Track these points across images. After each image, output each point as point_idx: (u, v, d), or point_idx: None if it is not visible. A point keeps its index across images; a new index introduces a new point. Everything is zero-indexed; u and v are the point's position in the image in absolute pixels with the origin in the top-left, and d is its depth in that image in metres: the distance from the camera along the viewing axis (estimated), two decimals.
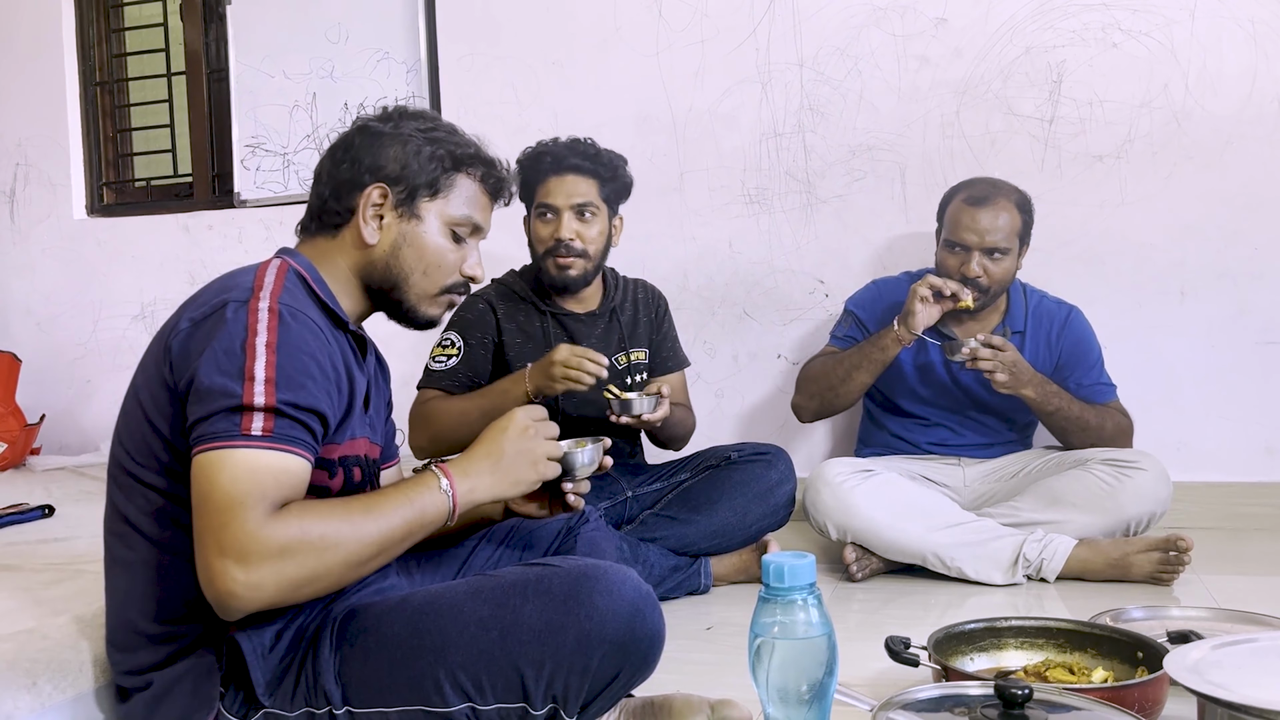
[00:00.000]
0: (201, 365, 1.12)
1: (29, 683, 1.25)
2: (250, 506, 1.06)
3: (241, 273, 1.24)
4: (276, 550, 1.06)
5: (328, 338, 1.22)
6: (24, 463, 3.30)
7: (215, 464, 1.08)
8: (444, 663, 1.13)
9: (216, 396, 1.10)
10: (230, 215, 3.40)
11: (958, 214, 2.27)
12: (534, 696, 1.14)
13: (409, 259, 1.32)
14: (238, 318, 1.14)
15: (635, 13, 2.94)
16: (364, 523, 1.13)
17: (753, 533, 2.18)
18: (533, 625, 1.13)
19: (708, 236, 2.92)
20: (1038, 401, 2.22)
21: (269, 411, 1.10)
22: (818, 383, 2.36)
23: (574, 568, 1.18)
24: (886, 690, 1.22)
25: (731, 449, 2.25)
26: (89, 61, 3.62)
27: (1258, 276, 2.57)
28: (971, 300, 2.18)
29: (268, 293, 1.17)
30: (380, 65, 3.22)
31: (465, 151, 1.34)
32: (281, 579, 1.07)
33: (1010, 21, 2.68)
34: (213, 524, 1.06)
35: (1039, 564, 2.10)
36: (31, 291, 3.63)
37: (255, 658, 1.17)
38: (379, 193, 1.31)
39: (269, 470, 1.09)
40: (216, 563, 1.05)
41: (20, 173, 3.62)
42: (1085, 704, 1.08)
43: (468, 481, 1.23)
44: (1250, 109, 2.56)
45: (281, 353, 1.13)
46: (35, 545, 1.97)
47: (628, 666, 1.17)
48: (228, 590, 1.05)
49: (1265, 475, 2.59)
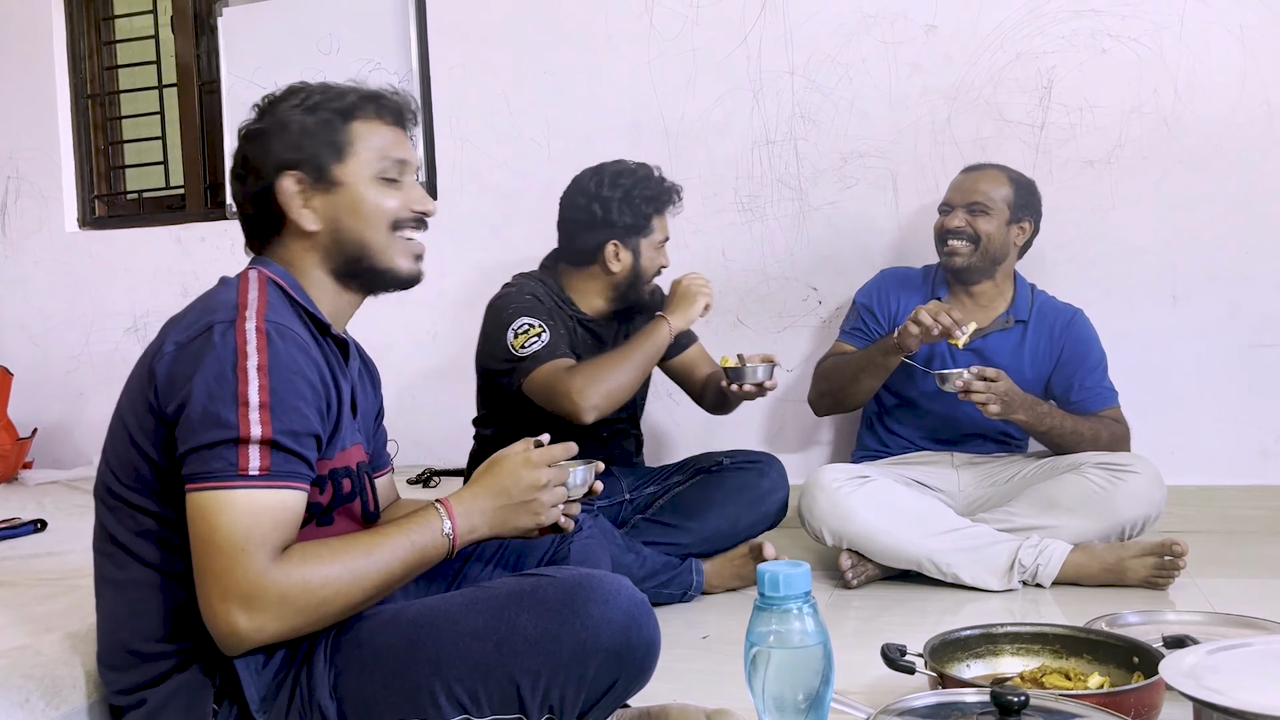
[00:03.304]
0: (193, 391, 1.11)
1: (21, 699, 1.24)
2: (252, 553, 1.07)
3: (222, 290, 1.23)
4: (277, 598, 1.08)
5: (313, 352, 1.21)
6: (16, 477, 3.29)
7: (214, 506, 1.08)
8: (439, 675, 1.13)
9: (211, 427, 1.09)
10: (223, 227, 3.39)
11: (951, 182, 2.41)
12: (530, 707, 1.13)
13: (352, 225, 1.29)
14: (225, 340, 1.13)
15: (627, 21, 2.95)
16: (365, 566, 1.15)
17: (743, 539, 2.20)
18: (528, 635, 1.13)
19: (700, 244, 2.92)
20: (1030, 424, 2.26)
21: (265, 445, 1.10)
22: (828, 381, 2.42)
23: (569, 577, 1.18)
24: (883, 698, 1.22)
25: (724, 455, 2.27)
26: (80, 74, 3.61)
27: (1249, 279, 2.58)
28: (964, 341, 2.18)
29: (253, 311, 1.16)
30: (372, 76, 3.18)
31: (346, 101, 1.31)
32: (282, 622, 1.10)
33: (1000, 28, 2.69)
34: (215, 568, 1.08)
35: (1034, 569, 2.10)
36: (23, 305, 3.62)
37: (249, 674, 1.16)
38: (292, 181, 1.28)
39: (269, 511, 1.10)
40: (219, 606, 1.08)
41: (11, 186, 3.61)
42: (1081, 710, 1.07)
43: (469, 521, 1.24)
44: (1239, 113, 2.57)
45: (274, 375, 1.12)
46: (27, 560, 1.96)
47: (624, 675, 1.16)
48: (231, 632, 1.08)
49: (1259, 478, 2.60)
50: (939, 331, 2.16)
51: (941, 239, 2.38)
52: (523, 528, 1.30)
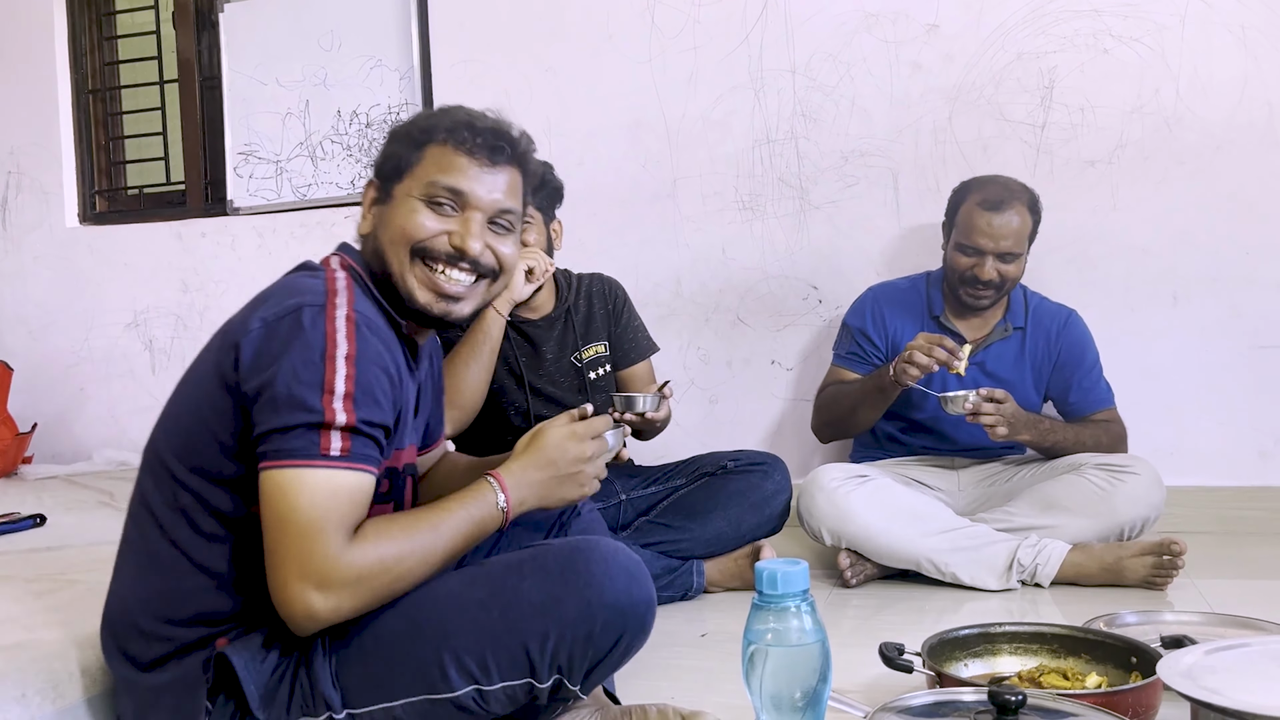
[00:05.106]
0: (279, 373, 1.11)
1: (18, 694, 1.25)
2: (331, 533, 1.09)
3: (309, 273, 1.25)
4: (354, 577, 1.10)
5: (394, 349, 1.23)
6: (16, 472, 3.29)
7: (295, 484, 1.09)
8: (447, 647, 1.15)
9: (296, 410, 1.10)
10: (223, 223, 3.39)
11: (971, 217, 2.27)
12: (540, 670, 1.16)
13: (384, 238, 1.30)
14: (316, 326, 1.14)
15: (628, 19, 2.95)
16: (433, 541, 1.18)
17: (745, 541, 2.19)
18: (533, 600, 1.15)
19: (701, 243, 2.92)
20: (1035, 443, 2.25)
21: (348, 431, 1.12)
22: (829, 411, 2.41)
23: (566, 543, 1.22)
24: (880, 697, 1.22)
25: (728, 457, 2.25)
26: (81, 69, 3.61)
27: (1249, 281, 2.58)
28: (964, 367, 2.15)
29: (344, 299, 1.18)
30: (373, 72, 3.22)
31: (431, 124, 1.32)
32: (358, 600, 1.11)
33: (1002, 28, 2.69)
34: (294, 548, 1.09)
35: (1033, 569, 2.10)
36: (24, 300, 3.62)
37: (247, 672, 1.16)
38: (371, 188, 1.34)
39: (347, 492, 1.11)
40: (296, 585, 1.09)
41: (12, 181, 3.61)
42: (1079, 709, 1.07)
43: (519, 494, 1.27)
44: (1241, 114, 2.56)
45: (360, 365, 1.14)
46: (26, 555, 1.96)
47: (628, 630, 1.19)
48: (307, 613, 1.09)
49: (1258, 479, 2.59)
50: (936, 367, 2.13)
51: (969, 283, 2.28)
52: (569, 499, 1.33)
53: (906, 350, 2.15)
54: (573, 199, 2.34)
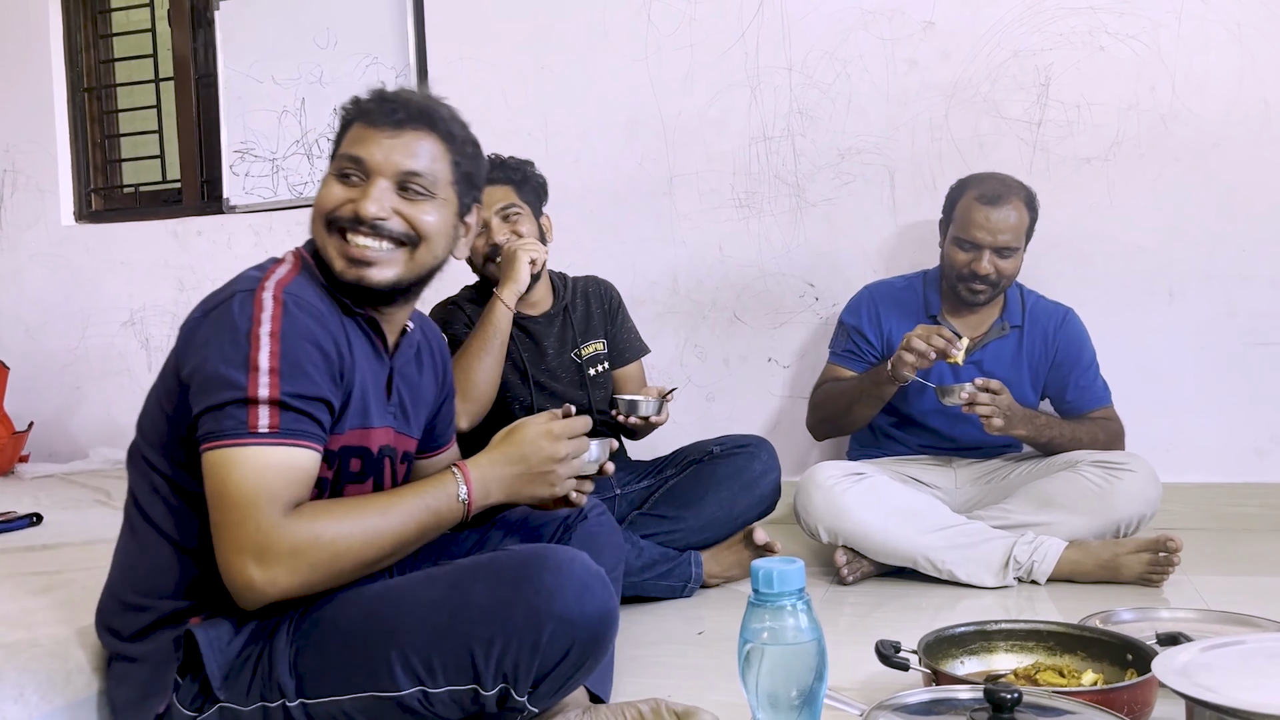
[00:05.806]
0: (208, 355, 1.15)
1: (16, 693, 1.25)
2: (262, 507, 1.11)
3: (259, 266, 1.27)
4: (289, 549, 1.11)
5: (330, 324, 1.23)
6: (12, 470, 3.28)
7: (226, 463, 1.12)
8: (395, 645, 1.14)
9: (221, 388, 1.13)
10: (219, 221, 3.39)
11: (969, 212, 2.27)
12: (484, 676, 1.14)
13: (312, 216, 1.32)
14: (243, 308, 1.17)
15: (624, 17, 2.94)
16: (378, 524, 1.18)
17: (739, 524, 2.21)
18: (482, 604, 1.14)
19: (697, 240, 2.92)
20: (1031, 438, 2.26)
21: (274, 405, 1.13)
22: (825, 409, 2.41)
23: (523, 550, 1.21)
24: (877, 694, 1.22)
25: (713, 443, 2.28)
26: (77, 67, 3.60)
27: (1245, 278, 2.58)
28: (961, 357, 2.14)
29: (273, 281, 1.20)
30: (370, 70, 3.22)
31: (352, 106, 1.33)
32: (295, 575, 1.12)
33: (998, 25, 2.69)
34: (228, 521, 1.12)
35: (1029, 566, 2.10)
36: (20, 298, 3.61)
37: (212, 650, 1.18)
38: None
39: (278, 468, 1.13)
40: (235, 558, 1.11)
41: (8, 179, 3.61)
42: (1075, 707, 1.08)
43: (484, 487, 1.28)
44: (1236, 111, 2.57)
45: (285, 341, 1.16)
46: (23, 553, 1.95)
47: (578, 642, 1.16)
48: (246, 584, 1.12)
49: (1254, 476, 2.60)
50: (934, 356, 2.12)
51: (966, 279, 2.28)
52: (537, 496, 1.34)
53: (905, 339, 2.15)
54: (569, 196, 2.35)
